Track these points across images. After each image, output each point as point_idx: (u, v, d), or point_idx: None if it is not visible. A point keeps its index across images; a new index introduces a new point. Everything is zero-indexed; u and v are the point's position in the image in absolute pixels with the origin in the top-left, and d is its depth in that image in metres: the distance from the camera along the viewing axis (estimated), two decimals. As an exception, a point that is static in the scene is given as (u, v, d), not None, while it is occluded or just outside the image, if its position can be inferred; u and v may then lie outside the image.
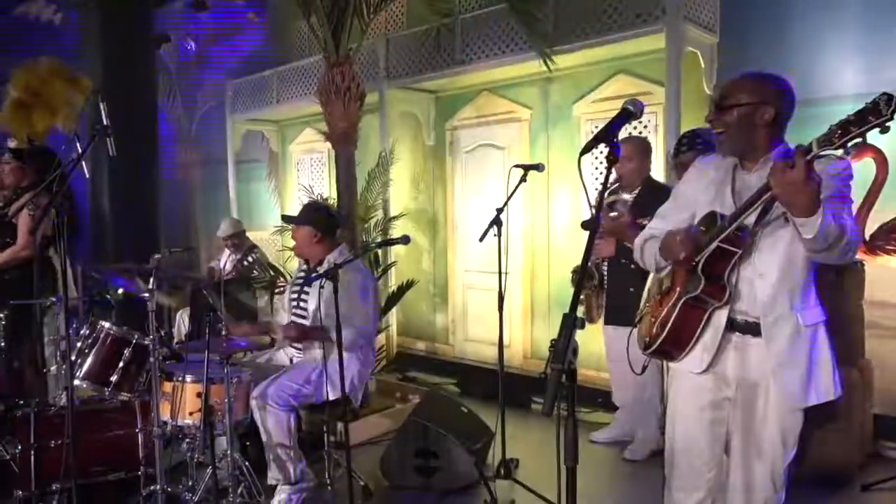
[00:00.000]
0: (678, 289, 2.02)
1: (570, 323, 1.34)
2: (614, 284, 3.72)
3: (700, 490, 2.07)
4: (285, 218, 3.47)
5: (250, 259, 5.60)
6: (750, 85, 1.93)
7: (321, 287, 3.16)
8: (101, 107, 2.63)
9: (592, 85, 5.20)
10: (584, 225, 1.33)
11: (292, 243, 3.57)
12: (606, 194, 3.97)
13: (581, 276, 1.44)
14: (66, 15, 6.65)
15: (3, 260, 3.45)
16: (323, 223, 3.39)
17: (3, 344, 3.75)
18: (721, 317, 1.98)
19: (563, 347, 1.32)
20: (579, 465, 1.38)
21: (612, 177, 3.47)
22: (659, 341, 2.05)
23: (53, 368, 3.36)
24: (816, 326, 1.94)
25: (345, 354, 3.28)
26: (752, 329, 1.95)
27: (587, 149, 1.57)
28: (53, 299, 3.49)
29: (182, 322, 5.13)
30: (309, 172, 7.76)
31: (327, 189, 6.95)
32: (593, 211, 1.49)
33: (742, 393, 2.00)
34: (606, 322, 3.79)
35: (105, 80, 4.09)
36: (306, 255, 3.46)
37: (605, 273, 3.78)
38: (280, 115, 7.83)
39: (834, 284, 3.31)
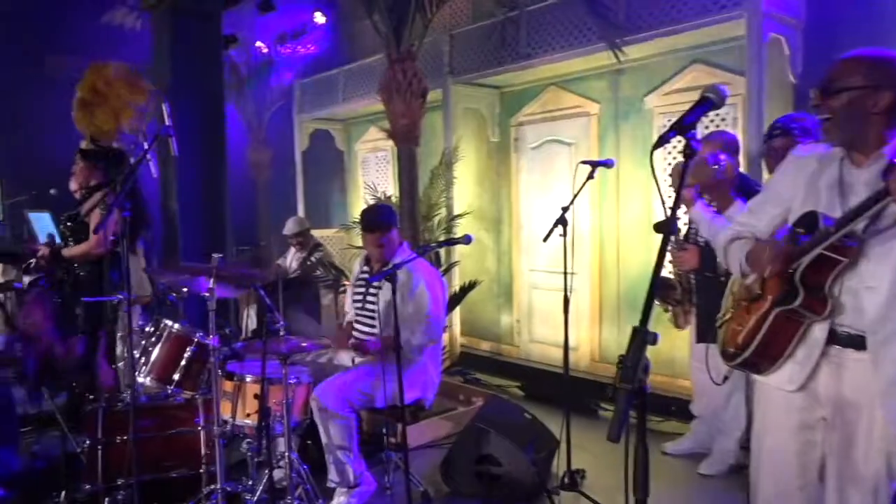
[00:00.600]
0: (770, 297, 1.82)
1: (641, 338, 1.20)
2: (704, 299, 3.41)
3: None
4: (368, 227, 3.30)
5: (315, 258, 5.63)
6: (864, 65, 1.70)
7: (393, 289, 3.10)
8: (164, 107, 2.64)
9: (666, 76, 4.93)
10: (658, 227, 1.19)
11: (357, 241, 3.51)
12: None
13: (653, 285, 1.29)
14: (145, 20, 6.90)
15: (72, 254, 3.55)
16: (396, 222, 3.38)
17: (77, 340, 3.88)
18: (819, 331, 1.77)
19: (633, 365, 1.18)
20: (651, 477, 1.23)
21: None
22: (746, 354, 1.86)
23: (121, 364, 3.44)
24: None
25: (418, 359, 3.24)
26: (855, 343, 1.73)
27: (661, 142, 1.41)
28: (120, 296, 3.57)
29: (249, 318, 5.21)
30: (374, 171, 7.78)
31: (391, 187, 6.93)
32: (668, 212, 1.31)
33: (839, 414, 1.78)
34: (699, 340, 3.49)
35: (174, 82, 4.17)
36: (391, 257, 3.34)
37: (693, 285, 3.52)
38: (346, 114, 7.88)
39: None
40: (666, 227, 1.32)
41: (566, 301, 3.29)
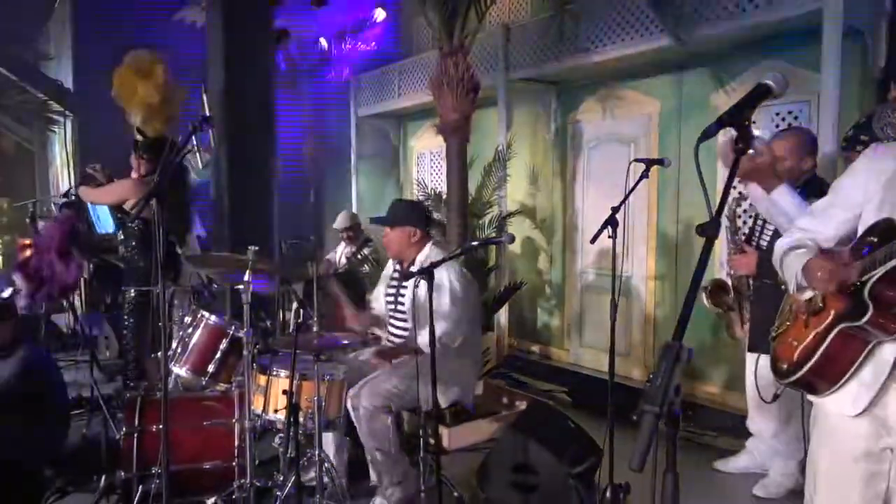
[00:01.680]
0: (833, 312, 1.64)
1: (674, 355, 1.05)
2: (760, 307, 3.19)
3: None
4: (375, 220, 3.32)
5: (364, 252, 5.61)
6: None
7: (416, 287, 3.01)
8: (203, 98, 2.62)
9: (734, 73, 4.64)
10: (700, 230, 1.06)
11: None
12: (731, 201, 3.46)
13: (692, 294, 1.14)
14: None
15: (97, 195, 3.68)
16: (415, 221, 3.24)
17: (129, 327, 3.98)
18: (889, 351, 1.58)
19: (664, 386, 1.04)
20: (700, 495, 1.09)
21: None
22: (802, 372, 1.68)
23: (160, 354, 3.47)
24: None
25: (457, 359, 3.14)
26: None
27: (707, 134, 1.26)
28: (171, 286, 3.63)
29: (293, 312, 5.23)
30: (429, 167, 7.72)
31: (444, 184, 6.85)
32: (713, 213, 1.16)
33: None
34: (750, 349, 3.29)
35: (226, 76, 4.20)
36: (402, 256, 3.31)
37: (749, 291, 3.29)
38: (402, 110, 7.84)
39: None
40: (709, 230, 1.16)
41: (614, 305, 3.12)
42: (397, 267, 3.39)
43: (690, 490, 3.43)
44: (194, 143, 2.56)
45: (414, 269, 3.17)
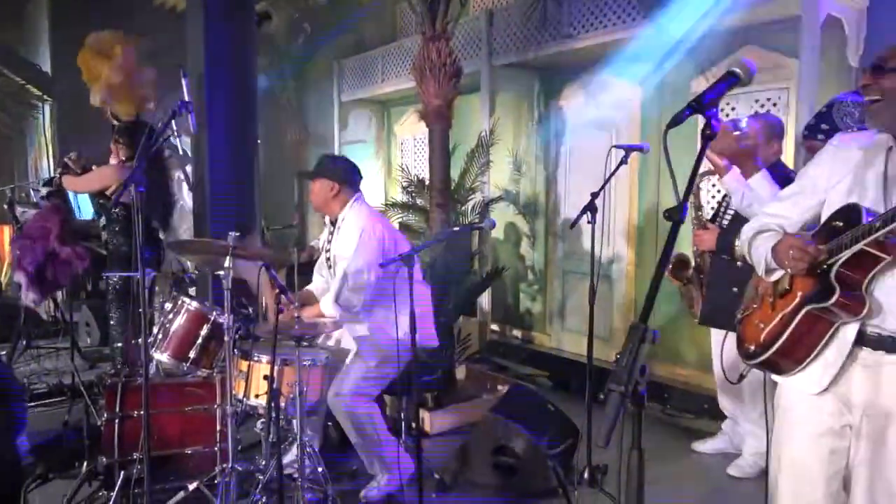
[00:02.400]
0: (800, 294, 1.68)
1: (639, 336, 1.08)
2: (715, 281, 3.29)
3: None
4: (302, 174, 3.35)
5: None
6: None
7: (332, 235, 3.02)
8: (183, 83, 2.60)
9: (715, 59, 4.67)
10: (667, 214, 1.09)
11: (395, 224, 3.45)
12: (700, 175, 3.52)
13: (658, 276, 1.17)
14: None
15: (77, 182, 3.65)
16: (339, 174, 3.19)
17: (113, 313, 3.97)
18: (849, 331, 1.63)
19: (629, 366, 1.07)
20: (678, 476, 1.13)
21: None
22: (769, 353, 1.73)
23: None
24: None
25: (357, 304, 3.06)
26: (889, 345, 1.59)
27: (677, 121, 1.29)
28: (153, 272, 3.62)
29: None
30: (413, 153, 7.70)
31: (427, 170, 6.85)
32: (679, 198, 1.20)
33: (870, 421, 1.64)
34: (701, 322, 3.39)
35: (207, 61, 4.15)
36: (323, 209, 3.28)
37: (708, 265, 3.39)
38: (385, 95, 7.80)
39: None
40: (675, 215, 1.19)
41: (592, 290, 3.16)
42: (331, 228, 3.33)
43: (669, 471, 3.53)
44: (174, 127, 2.53)
45: (339, 224, 3.17)
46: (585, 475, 3.17)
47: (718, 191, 3.46)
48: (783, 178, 2.93)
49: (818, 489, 1.73)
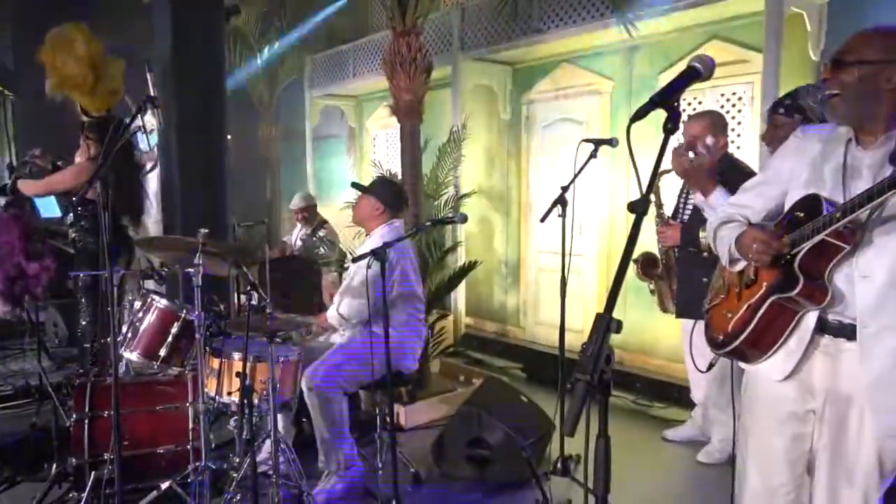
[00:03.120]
0: (765, 284, 1.72)
1: (604, 325, 1.11)
2: (685, 275, 3.39)
3: None
4: (356, 185, 3.50)
5: (319, 234, 5.58)
6: (880, 39, 1.59)
7: (368, 268, 3.04)
8: (149, 77, 2.56)
9: (682, 53, 4.75)
10: (631, 207, 1.11)
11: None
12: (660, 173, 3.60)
13: (622, 268, 1.20)
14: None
15: (34, 189, 3.59)
16: (388, 198, 3.36)
17: (84, 312, 3.89)
18: (811, 319, 1.68)
19: (594, 355, 1.09)
20: (649, 464, 1.16)
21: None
22: (736, 343, 1.77)
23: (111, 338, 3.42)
24: None
25: (401, 329, 3.18)
26: (847, 332, 1.64)
27: (639, 115, 1.31)
28: (121, 270, 3.56)
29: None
30: (385, 148, 7.69)
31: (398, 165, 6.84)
32: (643, 191, 1.22)
33: (831, 407, 1.69)
34: (678, 315, 3.46)
35: (174, 54, 4.09)
36: (363, 223, 3.46)
37: (675, 261, 3.47)
38: (357, 90, 7.78)
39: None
40: (639, 207, 1.22)
41: (563, 284, 3.20)
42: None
43: (640, 459, 3.59)
44: (141, 123, 2.49)
45: (369, 240, 3.33)
46: (559, 465, 3.22)
47: (679, 189, 3.53)
48: (731, 167, 3.06)
49: (783, 473, 1.78)
